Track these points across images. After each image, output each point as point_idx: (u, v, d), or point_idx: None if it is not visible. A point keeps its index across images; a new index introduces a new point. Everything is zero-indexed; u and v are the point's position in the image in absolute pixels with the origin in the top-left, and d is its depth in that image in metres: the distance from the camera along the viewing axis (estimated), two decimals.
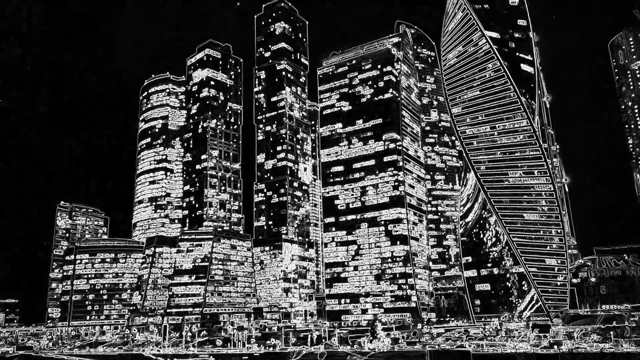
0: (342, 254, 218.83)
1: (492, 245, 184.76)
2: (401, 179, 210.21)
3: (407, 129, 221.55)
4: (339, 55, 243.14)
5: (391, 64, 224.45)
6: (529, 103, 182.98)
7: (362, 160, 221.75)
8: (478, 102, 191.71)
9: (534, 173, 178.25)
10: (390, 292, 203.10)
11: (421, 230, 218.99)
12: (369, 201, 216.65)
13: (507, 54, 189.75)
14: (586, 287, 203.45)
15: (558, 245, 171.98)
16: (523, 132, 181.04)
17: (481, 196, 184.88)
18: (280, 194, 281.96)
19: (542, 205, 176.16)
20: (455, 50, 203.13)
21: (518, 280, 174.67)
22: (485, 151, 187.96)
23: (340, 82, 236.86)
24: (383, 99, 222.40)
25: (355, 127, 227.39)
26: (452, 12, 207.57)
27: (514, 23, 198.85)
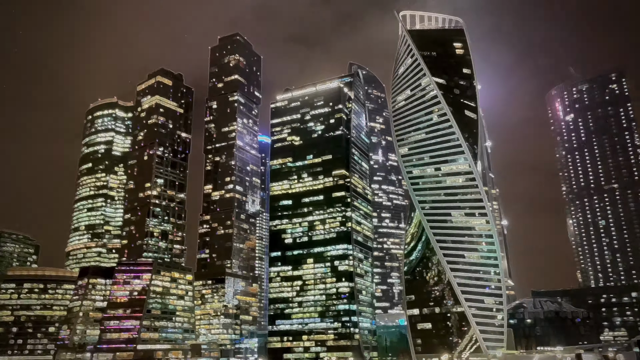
0: (287, 290, 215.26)
1: (435, 284, 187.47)
2: (349, 215, 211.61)
3: (356, 166, 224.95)
4: (292, 91, 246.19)
5: (342, 103, 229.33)
6: (472, 147, 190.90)
7: (311, 195, 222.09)
8: (424, 143, 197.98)
9: (475, 215, 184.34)
10: (334, 329, 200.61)
11: (367, 267, 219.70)
12: (316, 236, 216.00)
13: (452, 100, 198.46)
14: (522, 327, 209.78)
15: (496, 286, 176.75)
16: (465, 175, 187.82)
17: (425, 235, 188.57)
18: (226, 226, 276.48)
19: (482, 246, 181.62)
20: (403, 93, 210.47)
21: (458, 320, 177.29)
22: (429, 191, 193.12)
23: (292, 117, 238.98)
24: (333, 136, 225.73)
25: (305, 161, 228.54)
26: (402, 57, 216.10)
27: (459, 71, 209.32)
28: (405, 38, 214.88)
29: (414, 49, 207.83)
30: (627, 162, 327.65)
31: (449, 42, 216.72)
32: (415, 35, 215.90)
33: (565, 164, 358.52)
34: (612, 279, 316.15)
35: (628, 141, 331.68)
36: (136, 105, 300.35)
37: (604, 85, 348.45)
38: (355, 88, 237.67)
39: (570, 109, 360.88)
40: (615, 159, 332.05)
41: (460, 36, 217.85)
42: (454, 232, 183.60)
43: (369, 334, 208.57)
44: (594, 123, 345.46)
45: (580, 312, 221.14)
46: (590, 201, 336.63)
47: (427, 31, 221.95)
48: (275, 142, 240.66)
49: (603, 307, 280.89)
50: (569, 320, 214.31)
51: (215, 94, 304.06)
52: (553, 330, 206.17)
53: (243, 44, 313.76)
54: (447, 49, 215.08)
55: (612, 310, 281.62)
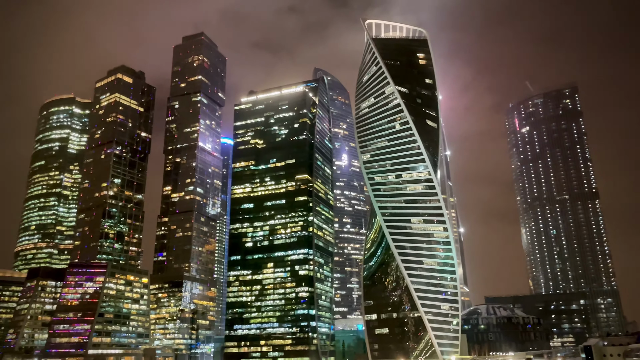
0: (246, 294, 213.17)
1: (393, 289, 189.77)
2: (310, 219, 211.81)
3: (319, 171, 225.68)
4: (257, 94, 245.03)
5: (307, 107, 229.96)
6: (432, 156, 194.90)
7: (273, 199, 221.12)
8: (386, 151, 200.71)
9: (434, 222, 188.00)
10: (292, 334, 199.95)
11: (327, 272, 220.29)
12: (277, 240, 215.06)
13: (414, 109, 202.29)
14: (476, 333, 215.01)
15: (452, 292, 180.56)
16: (425, 183, 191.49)
17: (385, 241, 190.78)
18: (185, 228, 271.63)
19: (439, 252, 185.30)
20: (367, 100, 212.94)
21: (415, 325, 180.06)
22: (390, 198, 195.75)
23: (257, 120, 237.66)
24: (297, 140, 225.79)
25: (268, 165, 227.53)
26: (367, 65, 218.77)
27: (421, 81, 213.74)
28: (371, 46, 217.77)
29: (379, 58, 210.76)
30: (578, 174, 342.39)
31: (413, 52, 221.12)
32: (380, 43, 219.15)
33: (520, 174, 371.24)
34: (561, 287, 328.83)
35: (579, 154, 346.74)
36: (94, 102, 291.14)
37: (558, 100, 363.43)
38: (320, 93, 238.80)
39: (526, 121, 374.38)
40: (567, 170, 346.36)
41: (424, 47, 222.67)
42: (413, 238, 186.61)
43: (327, 338, 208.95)
44: (547, 136, 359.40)
45: (531, 318, 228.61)
46: (543, 211, 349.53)
47: (392, 40, 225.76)
48: (239, 145, 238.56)
49: (552, 314, 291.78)
50: (520, 326, 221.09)
51: (178, 93, 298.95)
52: (505, 335, 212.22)
53: (208, 44, 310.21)
54: (410, 58, 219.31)
55: (561, 317, 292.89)
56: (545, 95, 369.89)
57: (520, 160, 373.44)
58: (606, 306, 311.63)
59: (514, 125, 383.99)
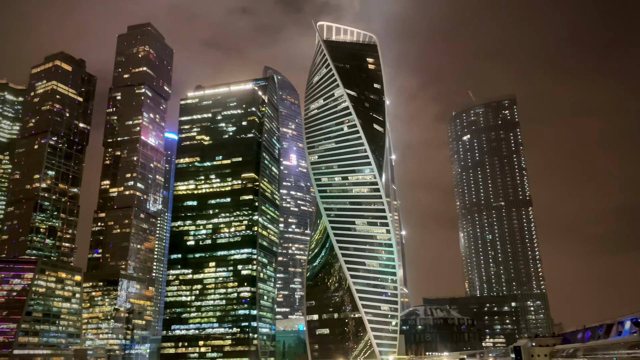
0: (186, 294, 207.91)
1: (335, 290, 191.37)
2: (255, 219, 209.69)
3: (266, 170, 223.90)
4: (205, 89, 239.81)
5: (256, 105, 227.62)
6: (378, 159, 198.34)
7: (218, 197, 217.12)
8: (333, 152, 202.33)
9: (377, 224, 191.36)
10: (232, 335, 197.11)
11: (270, 272, 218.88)
12: (220, 239, 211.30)
13: (362, 112, 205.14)
14: (413, 333, 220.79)
15: (392, 293, 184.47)
16: (370, 185, 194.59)
17: (329, 242, 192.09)
18: (123, 224, 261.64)
19: (381, 254, 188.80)
20: (317, 102, 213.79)
21: (355, 325, 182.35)
22: (336, 199, 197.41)
23: (203, 116, 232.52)
24: (245, 138, 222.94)
25: (214, 162, 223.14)
26: (318, 67, 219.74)
27: (370, 85, 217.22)
28: (322, 48, 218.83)
29: (329, 60, 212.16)
30: (514, 182, 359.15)
31: (363, 57, 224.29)
32: (331, 46, 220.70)
33: (460, 180, 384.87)
34: (495, 289, 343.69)
35: (515, 163, 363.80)
36: (29, 90, 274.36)
37: (497, 111, 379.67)
38: (269, 92, 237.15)
39: (467, 130, 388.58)
40: (504, 178, 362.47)
41: (374, 52, 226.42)
42: (356, 240, 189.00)
43: (268, 339, 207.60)
44: (487, 144, 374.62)
45: (466, 319, 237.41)
46: (480, 216, 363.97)
47: (342, 43, 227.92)
48: (183, 140, 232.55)
49: (486, 315, 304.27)
50: (455, 327, 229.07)
51: (121, 84, 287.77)
52: (441, 336, 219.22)
53: (154, 35, 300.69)
54: (360, 62, 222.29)
55: (493, 318, 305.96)
56: (486, 105, 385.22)
57: (460, 167, 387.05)
58: (535, 308, 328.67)
59: (456, 133, 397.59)
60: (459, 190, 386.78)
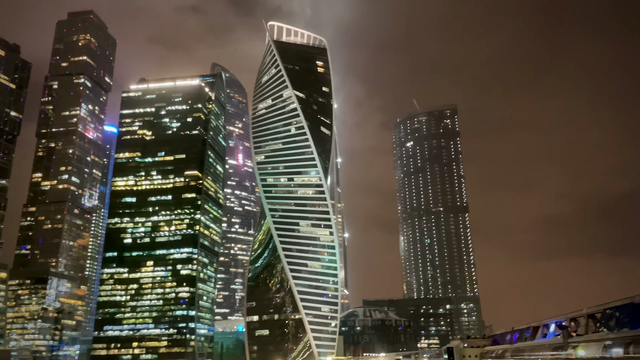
0: (120, 293, 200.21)
1: (276, 291, 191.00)
2: (197, 218, 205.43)
3: (210, 169, 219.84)
4: (149, 82, 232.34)
5: (202, 102, 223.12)
6: (324, 162, 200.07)
7: (159, 194, 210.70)
8: (280, 153, 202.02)
9: (321, 226, 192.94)
10: (168, 336, 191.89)
11: (211, 273, 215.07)
12: (160, 238, 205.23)
13: (310, 115, 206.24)
14: (352, 334, 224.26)
15: (333, 294, 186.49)
16: (316, 187, 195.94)
17: (273, 243, 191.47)
18: (55, 220, 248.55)
19: (324, 256, 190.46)
20: (265, 101, 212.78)
21: (295, 326, 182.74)
22: (281, 200, 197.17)
23: (146, 110, 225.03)
24: (189, 135, 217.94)
25: (155, 158, 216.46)
26: (267, 67, 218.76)
27: (319, 88, 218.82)
28: (272, 48, 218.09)
29: (279, 60, 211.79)
30: (452, 189, 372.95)
31: (312, 59, 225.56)
32: (281, 47, 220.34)
33: (402, 186, 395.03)
34: (431, 292, 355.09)
35: (454, 170, 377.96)
36: None
37: (439, 119, 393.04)
38: (216, 89, 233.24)
39: (411, 136, 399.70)
40: (443, 185, 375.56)
41: (323, 55, 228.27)
42: (300, 241, 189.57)
43: (205, 340, 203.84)
44: (428, 152, 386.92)
45: (403, 321, 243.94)
46: (420, 221, 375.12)
47: (293, 45, 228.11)
48: (124, 134, 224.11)
49: (422, 317, 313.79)
50: (392, 328, 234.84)
51: (58, 73, 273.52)
52: (379, 337, 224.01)
53: (97, 24, 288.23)
54: (310, 65, 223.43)
55: (429, 320, 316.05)
56: (429, 113, 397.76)
57: (403, 172, 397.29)
58: (468, 311, 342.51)
59: (399, 139, 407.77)
60: (400, 195, 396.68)
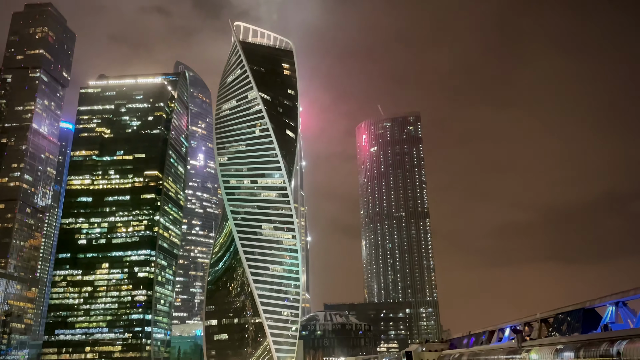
0: (74, 296, 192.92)
1: (237, 295, 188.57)
2: (157, 219, 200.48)
3: (171, 169, 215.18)
4: (109, 79, 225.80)
5: (164, 101, 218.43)
6: (288, 165, 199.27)
7: (116, 194, 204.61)
8: (244, 155, 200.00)
9: (284, 229, 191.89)
10: (123, 340, 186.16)
11: (169, 275, 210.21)
12: (117, 239, 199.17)
13: (275, 117, 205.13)
14: (312, 338, 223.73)
15: (294, 298, 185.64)
16: (279, 190, 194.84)
17: (234, 246, 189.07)
18: (5, 219, 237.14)
19: (286, 259, 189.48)
20: (229, 102, 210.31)
21: (255, 330, 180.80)
22: (244, 203, 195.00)
23: (105, 107, 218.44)
24: (150, 134, 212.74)
25: (114, 157, 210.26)
26: (232, 67, 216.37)
27: (284, 91, 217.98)
28: (237, 49, 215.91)
29: (245, 61, 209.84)
30: (414, 195, 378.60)
31: (279, 61, 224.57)
32: (247, 47, 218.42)
33: (366, 190, 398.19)
34: (392, 296, 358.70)
35: (416, 177, 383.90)
36: None
37: (403, 126, 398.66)
38: (180, 88, 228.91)
39: (375, 142, 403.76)
40: (405, 191, 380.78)
41: (289, 58, 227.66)
42: (262, 244, 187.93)
43: (162, 345, 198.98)
44: (392, 157, 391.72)
45: (363, 325, 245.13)
46: (382, 225, 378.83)
47: (259, 46, 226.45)
48: (81, 132, 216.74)
49: (382, 321, 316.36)
50: (353, 332, 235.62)
51: (12, 66, 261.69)
52: (339, 341, 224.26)
53: (55, 16, 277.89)
54: (275, 67, 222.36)
55: (388, 324, 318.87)
56: (393, 119, 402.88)
57: (366, 177, 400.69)
58: (427, 315, 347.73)
59: (364, 144, 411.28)
60: (363, 199, 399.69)
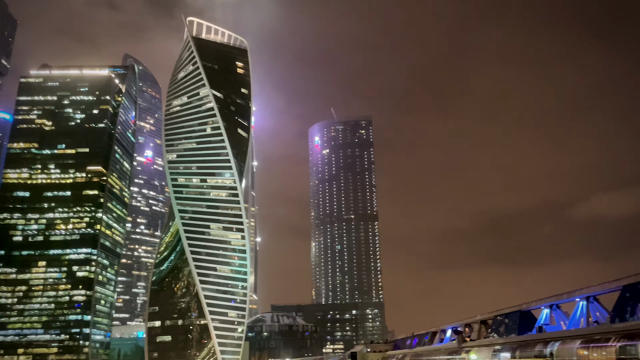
0: (6, 295, 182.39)
1: (182, 296, 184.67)
2: (99, 216, 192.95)
3: (116, 165, 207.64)
4: (52, 69, 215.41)
5: (111, 94, 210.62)
6: (239, 164, 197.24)
7: (56, 189, 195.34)
8: (194, 153, 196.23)
9: (233, 229, 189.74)
10: (60, 342, 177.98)
11: (111, 275, 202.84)
12: (55, 236, 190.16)
13: (227, 115, 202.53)
14: (258, 340, 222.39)
15: (241, 299, 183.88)
16: (229, 190, 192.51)
17: (180, 245, 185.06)
18: None
19: (234, 260, 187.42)
20: (180, 98, 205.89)
21: (200, 332, 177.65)
22: (192, 202, 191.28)
23: (47, 98, 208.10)
24: (95, 128, 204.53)
25: (55, 150, 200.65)
26: (184, 63, 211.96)
27: (237, 89, 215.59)
28: (190, 44, 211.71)
29: (197, 57, 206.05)
30: (364, 197, 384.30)
31: (232, 59, 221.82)
32: (200, 43, 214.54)
33: (316, 192, 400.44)
34: (339, 297, 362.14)
35: (367, 180, 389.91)
36: None
37: (355, 129, 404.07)
38: (128, 81, 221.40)
39: (327, 144, 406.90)
40: (355, 193, 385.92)
41: (244, 56, 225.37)
42: (210, 244, 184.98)
43: (101, 347, 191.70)
44: (343, 160, 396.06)
45: (310, 326, 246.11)
46: (332, 227, 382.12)
47: (212, 43, 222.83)
48: (20, 123, 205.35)
49: (329, 322, 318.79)
50: (299, 333, 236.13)
51: None
52: (285, 342, 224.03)
53: None
54: (229, 64, 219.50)
55: (335, 325, 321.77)
56: (345, 123, 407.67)
57: (318, 179, 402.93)
58: (373, 316, 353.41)
59: (316, 146, 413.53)
60: (314, 201, 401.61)
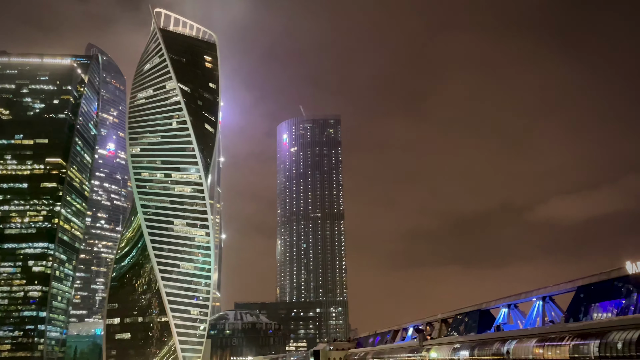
0: None
1: (143, 292, 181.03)
2: (57, 210, 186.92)
3: (76, 157, 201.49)
4: (12, 55, 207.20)
5: (73, 84, 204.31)
6: (205, 160, 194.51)
7: (12, 181, 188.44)
8: (158, 147, 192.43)
9: (197, 226, 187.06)
10: (13, 339, 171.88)
11: (68, 271, 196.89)
12: (10, 230, 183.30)
13: (194, 110, 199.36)
14: (221, 338, 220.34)
15: (204, 297, 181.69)
16: (194, 185, 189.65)
17: (142, 241, 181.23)
18: None
19: (198, 257, 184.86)
20: (145, 91, 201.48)
21: (160, 329, 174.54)
22: (155, 197, 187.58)
23: (5, 86, 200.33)
24: (55, 118, 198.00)
25: (12, 141, 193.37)
26: (150, 55, 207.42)
27: (205, 84, 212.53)
28: (157, 36, 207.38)
29: (164, 50, 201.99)
30: (330, 196, 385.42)
31: (201, 53, 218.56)
32: (167, 36, 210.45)
33: (283, 190, 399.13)
34: (303, 295, 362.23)
35: (334, 179, 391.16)
36: None
37: (323, 128, 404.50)
38: (91, 72, 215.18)
39: (295, 142, 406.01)
40: (322, 192, 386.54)
41: (212, 50, 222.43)
42: (173, 240, 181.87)
43: (57, 344, 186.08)
44: (311, 158, 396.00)
45: (273, 324, 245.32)
46: (298, 225, 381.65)
47: (180, 35, 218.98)
48: None
49: (292, 320, 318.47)
50: (263, 331, 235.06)
51: None
52: (248, 340, 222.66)
53: None
54: (197, 58, 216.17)
55: (299, 323, 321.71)
56: (314, 121, 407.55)
57: (285, 177, 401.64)
58: (336, 315, 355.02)
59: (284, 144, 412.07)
60: (281, 199, 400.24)
